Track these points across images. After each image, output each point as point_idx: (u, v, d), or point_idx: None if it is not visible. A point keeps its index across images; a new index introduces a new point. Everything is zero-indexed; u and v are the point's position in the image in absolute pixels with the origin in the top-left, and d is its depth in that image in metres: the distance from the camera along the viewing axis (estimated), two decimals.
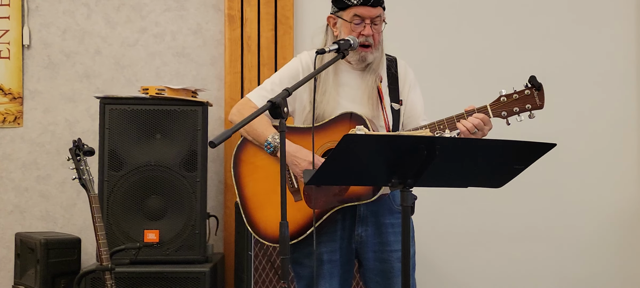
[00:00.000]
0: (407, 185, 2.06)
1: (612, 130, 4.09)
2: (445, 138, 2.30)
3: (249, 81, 3.96)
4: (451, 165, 2.06)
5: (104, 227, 3.34)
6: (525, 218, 4.07)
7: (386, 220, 2.62)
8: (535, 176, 3.65)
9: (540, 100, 2.43)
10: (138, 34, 4.05)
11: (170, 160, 3.47)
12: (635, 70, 4.09)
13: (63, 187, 4.01)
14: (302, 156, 2.50)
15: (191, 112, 3.50)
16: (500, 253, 4.07)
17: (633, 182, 4.10)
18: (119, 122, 3.48)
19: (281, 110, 2.07)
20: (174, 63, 4.05)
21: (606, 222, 4.09)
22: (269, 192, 2.53)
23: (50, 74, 4.03)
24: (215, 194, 4.02)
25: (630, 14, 4.10)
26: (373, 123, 2.54)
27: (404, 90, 2.67)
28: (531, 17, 4.09)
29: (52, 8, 4.03)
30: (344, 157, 1.99)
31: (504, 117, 2.45)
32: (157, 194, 3.47)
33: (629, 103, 4.09)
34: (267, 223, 2.55)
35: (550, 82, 3.75)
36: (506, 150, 2.08)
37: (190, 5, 4.06)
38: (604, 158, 4.09)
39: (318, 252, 2.54)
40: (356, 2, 2.51)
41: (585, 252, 4.08)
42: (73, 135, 3.95)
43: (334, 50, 2.43)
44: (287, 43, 4.00)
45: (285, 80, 2.58)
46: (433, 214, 3.91)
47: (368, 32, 2.53)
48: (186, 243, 3.47)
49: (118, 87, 4.01)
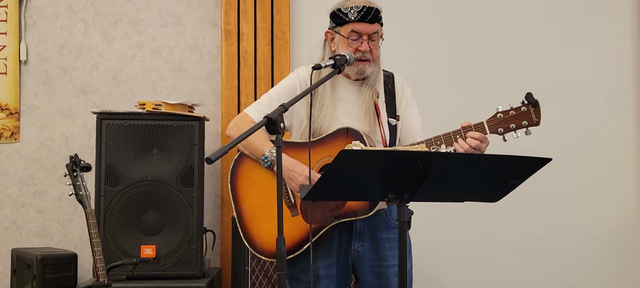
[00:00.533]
0: (404, 200, 2.06)
1: (609, 144, 4.10)
2: (442, 153, 2.31)
3: (245, 96, 3.97)
4: (447, 180, 2.07)
5: (101, 242, 3.33)
6: (522, 231, 4.07)
7: (383, 235, 2.62)
8: (532, 189, 3.66)
9: (536, 117, 2.44)
10: (135, 49, 4.06)
11: (167, 175, 3.47)
12: (632, 83, 4.11)
13: (60, 202, 4.01)
14: (299, 171, 2.50)
15: (188, 127, 3.50)
16: (497, 267, 4.07)
17: (630, 195, 4.10)
18: (115, 137, 3.48)
19: (277, 125, 2.08)
20: (170, 78, 4.06)
21: (603, 234, 4.09)
22: (265, 206, 2.54)
23: (47, 89, 4.03)
24: (212, 209, 4.02)
25: (626, 29, 4.12)
26: (370, 138, 2.55)
27: (401, 105, 2.68)
28: (529, 32, 4.11)
29: (49, 24, 4.04)
30: (340, 173, 1.99)
31: (500, 133, 2.46)
32: (153, 209, 3.47)
33: (626, 116, 4.10)
34: (263, 238, 2.55)
35: (547, 96, 3.78)
36: (502, 165, 2.08)
37: (187, 21, 4.07)
38: (601, 171, 4.10)
39: (315, 267, 2.54)
40: (353, 18, 2.52)
41: (583, 264, 4.08)
42: (70, 150, 3.95)
43: (330, 66, 2.44)
44: (284, 58, 4.01)
45: (283, 95, 2.59)
46: (430, 228, 3.91)
47: (365, 48, 2.54)
48: (183, 259, 3.46)
49: (115, 102, 4.02)
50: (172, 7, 4.07)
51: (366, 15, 2.52)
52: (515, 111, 2.45)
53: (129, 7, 4.06)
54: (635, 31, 4.12)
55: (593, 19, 4.12)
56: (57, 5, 4.04)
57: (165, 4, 4.07)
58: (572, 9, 4.12)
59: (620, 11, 4.12)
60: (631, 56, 4.11)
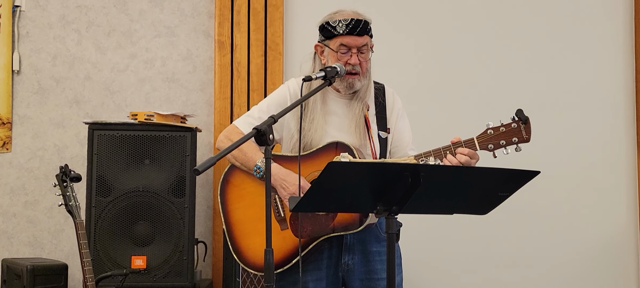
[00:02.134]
0: (392, 212, 2.06)
1: (602, 158, 4.11)
2: (430, 165, 2.31)
3: (238, 107, 3.97)
4: (436, 192, 2.07)
5: (91, 253, 3.33)
6: (514, 244, 4.07)
7: (373, 248, 2.61)
8: (524, 202, 3.67)
9: (526, 134, 2.45)
10: (128, 59, 4.06)
11: (159, 186, 3.46)
12: (624, 98, 4.12)
13: (51, 212, 4.00)
14: (291, 180, 2.50)
15: (180, 138, 3.50)
16: (488, 280, 4.06)
17: (622, 209, 4.11)
18: (107, 147, 3.47)
19: (266, 137, 2.07)
20: (163, 89, 4.06)
21: (595, 248, 4.09)
22: (255, 219, 2.53)
23: (40, 100, 4.03)
24: (204, 220, 4.01)
25: (618, 42, 4.13)
26: (360, 152, 2.55)
27: (392, 118, 2.68)
28: (520, 46, 4.12)
29: (42, 34, 4.04)
30: (329, 185, 1.99)
31: (490, 149, 2.46)
32: (145, 220, 3.46)
33: (619, 130, 4.11)
34: (252, 252, 2.54)
35: (538, 109, 3.80)
36: (491, 178, 2.08)
37: (180, 32, 4.07)
38: (592, 184, 4.10)
39: (304, 280, 2.53)
40: (342, 32, 2.51)
41: (573, 277, 4.07)
42: (62, 160, 3.95)
43: (321, 78, 2.44)
44: (277, 69, 4.01)
45: (273, 108, 2.59)
46: (421, 241, 3.90)
47: (355, 61, 2.54)
48: (174, 270, 3.45)
49: (108, 113, 4.01)
50: (166, 18, 4.07)
51: (355, 28, 2.51)
52: (506, 127, 2.45)
53: (122, 18, 4.07)
54: (627, 45, 4.13)
55: (586, 33, 4.14)
56: (51, 16, 4.05)
57: (158, 15, 4.07)
58: (564, 23, 4.13)
59: (613, 25, 4.14)
60: (623, 69, 4.12)
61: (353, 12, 2.56)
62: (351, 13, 2.56)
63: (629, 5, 4.13)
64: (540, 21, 4.13)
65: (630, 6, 4.13)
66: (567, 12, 4.13)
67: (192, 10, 4.08)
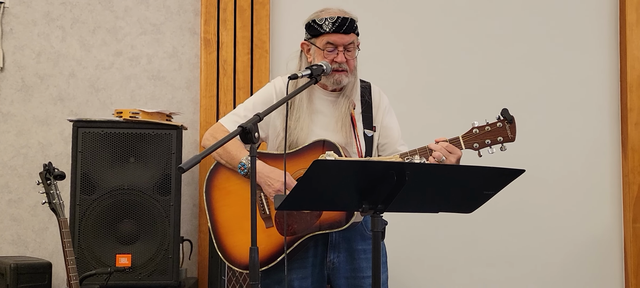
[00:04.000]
0: (378, 211, 2.06)
1: (587, 158, 4.13)
2: (415, 163, 2.31)
3: (224, 105, 3.96)
4: (421, 190, 2.07)
5: (75, 251, 3.30)
6: (499, 243, 4.08)
7: (358, 246, 2.61)
8: (509, 201, 3.69)
9: (512, 133, 2.46)
10: (113, 57, 4.04)
11: (144, 184, 3.44)
12: (608, 95, 4.14)
13: (35, 210, 3.97)
14: (275, 177, 2.49)
15: (165, 136, 3.48)
16: (473, 279, 4.07)
17: (606, 208, 4.13)
18: (92, 145, 3.45)
19: (252, 135, 2.07)
20: (149, 86, 4.04)
21: (580, 247, 4.12)
22: (240, 217, 2.52)
23: (24, 97, 4.00)
24: (190, 218, 4.00)
25: (604, 40, 4.16)
26: (346, 150, 2.54)
27: (378, 116, 2.68)
28: (508, 46, 4.13)
29: (26, 30, 4.01)
30: (314, 182, 1.98)
31: (475, 149, 2.47)
32: (130, 218, 3.44)
33: (604, 129, 4.13)
34: (237, 249, 2.54)
35: (523, 108, 3.82)
36: (476, 176, 2.08)
37: (166, 29, 4.05)
38: (578, 184, 4.12)
39: (289, 278, 2.52)
40: (328, 30, 2.51)
41: (560, 277, 4.09)
42: (46, 158, 3.92)
43: (307, 76, 2.43)
44: (263, 67, 4.00)
45: (259, 106, 2.58)
46: (406, 240, 3.91)
47: (341, 59, 2.53)
48: (159, 268, 3.43)
49: (92, 110, 3.99)
50: (152, 15, 4.05)
51: (341, 26, 2.51)
52: (491, 127, 2.46)
53: (107, 15, 4.04)
54: (613, 46, 4.16)
55: (572, 34, 4.16)
56: (35, 12, 4.01)
57: (144, 12, 4.05)
58: (551, 24, 4.15)
59: (599, 27, 4.16)
60: (609, 70, 4.15)
61: (339, 10, 2.56)
62: (338, 11, 2.55)
63: (614, 7, 4.16)
64: (527, 22, 4.14)
65: (615, 8, 4.16)
66: (553, 13, 4.15)
67: (178, 7, 4.06)
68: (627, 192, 4.07)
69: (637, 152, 4.05)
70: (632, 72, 4.07)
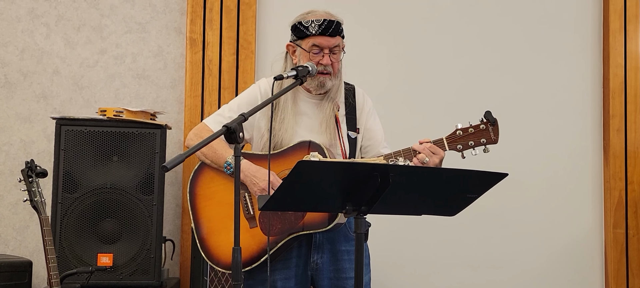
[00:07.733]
0: (361, 212, 2.06)
1: (569, 162, 4.16)
2: (399, 166, 2.32)
3: (209, 105, 3.95)
4: (405, 192, 2.08)
5: (57, 250, 3.28)
6: (481, 246, 4.10)
7: (342, 247, 2.62)
8: (492, 205, 3.71)
9: (494, 135, 2.49)
10: (98, 55, 4.01)
11: (127, 183, 3.42)
12: (591, 101, 4.18)
13: (15, 208, 3.93)
14: (261, 176, 2.50)
15: (149, 135, 3.47)
16: (455, 281, 4.09)
17: (588, 212, 4.16)
18: (75, 143, 3.43)
19: (237, 135, 2.06)
20: (133, 85, 4.02)
21: (561, 250, 4.15)
22: (223, 217, 2.52)
23: (7, 94, 3.96)
24: (172, 218, 3.98)
25: (585, 45, 4.19)
26: (330, 151, 2.55)
27: (361, 118, 2.69)
28: (492, 49, 4.16)
29: (10, 27, 3.98)
30: (298, 183, 1.98)
31: (459, 150, 2.49)
32: (112, 217, 3.42)
33: (586, 135, 4.17)
34: (220, 249, 2.53)
35: (507, 112, 3.83)
36: (459, 179, 2.09)
37: (151, 28, 4.04)
38: (560, 188, 4.15)
39: (272, 279, 2.52)
40: (314, 32, 2.52)
41: (541, 280, 4.12)
42: (28, 156, 3.88)
43: (292, 77, 2.44)
44: (249, 67, 4.00)
45: (244, 107, 2.58)
46: (390, 242, 3.92)
47: (326, 62, 2.55)
48: (141, 268, 3.41)
49: (76, 108, 3.96)
50: (137, 14, 4.03)
51: (327, 29, 2.52)
52: (474, 129, 2.48)
53: (93, 13, 4.02)
54: (596, 51, 4.19)
55: (555, 39, 4.19)
56: (19, 9, 3.98)
57: (130, 11, 4.03)
58: (535, 28, 4.18)
59: (582, 32, 4.20)
60: (591, 75, 4.18)
61: (325, 13, 2.57)
62: (324, 13, 2.56)
63: (598, 12, 4.20)
64: (511, 26, 4.17)
65: (599, 13, 4.20)
66: (537, 17, 4.18)
67: (164, 6, 4.05)
68: (608, 198, 4.10)
69: (618, 158, 4.09)
70: (615, 79, 4.11)
